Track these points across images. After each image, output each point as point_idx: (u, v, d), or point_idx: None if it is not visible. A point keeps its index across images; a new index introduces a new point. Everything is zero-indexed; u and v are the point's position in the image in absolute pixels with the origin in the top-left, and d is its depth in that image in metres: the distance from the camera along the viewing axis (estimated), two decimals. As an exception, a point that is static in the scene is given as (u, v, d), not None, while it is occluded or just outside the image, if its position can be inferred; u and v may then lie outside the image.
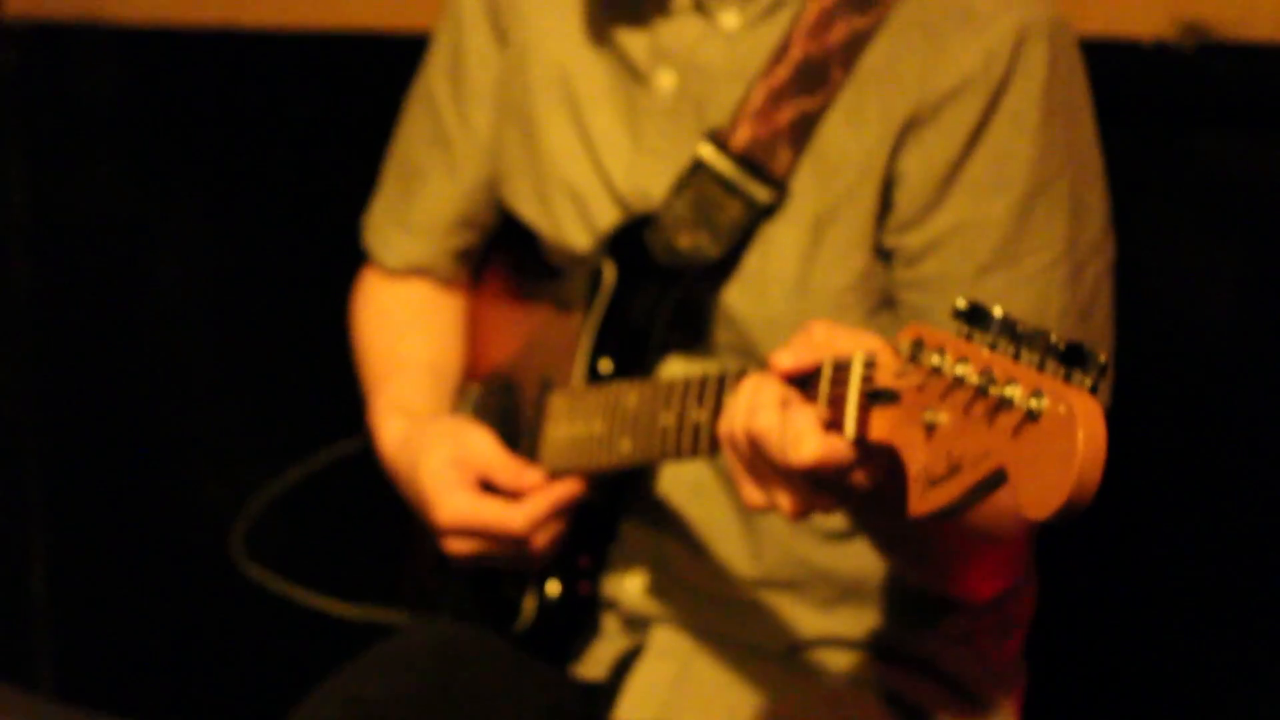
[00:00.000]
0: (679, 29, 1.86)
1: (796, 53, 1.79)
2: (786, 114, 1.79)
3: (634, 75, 1.90)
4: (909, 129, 1.76)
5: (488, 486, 1.87)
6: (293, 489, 2.59)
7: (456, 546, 1.89)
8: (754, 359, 1.79)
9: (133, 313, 3.49)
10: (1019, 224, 1.75)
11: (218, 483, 3.38)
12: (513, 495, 1.86)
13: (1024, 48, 1.73)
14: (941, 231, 1.76)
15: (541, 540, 1.85)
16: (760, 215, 1.81)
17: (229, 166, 3.33)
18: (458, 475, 1.87)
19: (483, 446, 1.89)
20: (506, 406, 2.02)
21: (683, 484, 1.92)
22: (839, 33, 1.78)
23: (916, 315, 1.78)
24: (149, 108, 3.42)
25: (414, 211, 2.12)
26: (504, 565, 1.91)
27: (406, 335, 2.14)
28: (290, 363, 3.30)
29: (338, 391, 2.97)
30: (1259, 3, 2.23)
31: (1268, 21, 2.23)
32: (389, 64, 3.00)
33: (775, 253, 1.81)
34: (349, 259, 2.36)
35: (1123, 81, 1.88)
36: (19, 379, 3.60)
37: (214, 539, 2.73)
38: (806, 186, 1.80)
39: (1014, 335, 1.25)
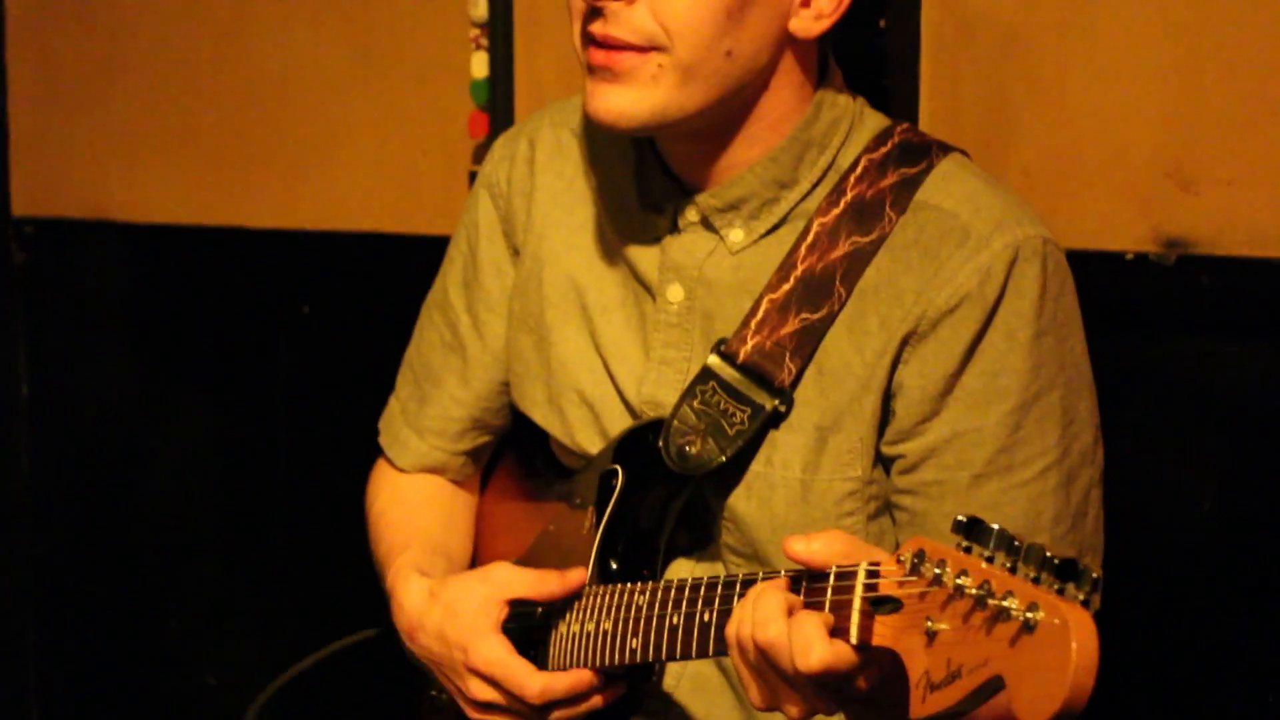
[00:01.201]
0: (688, 245, 1.94)
1: (800, 268, 1.87)
2: (791, 326, 1.86)
3: (644, 288, 1.97)
4: (908, 343, 1.83)
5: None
6: (299, 680, 2.60)
7: (478, 692, 1.90)
8: (759, 561, 1.86)
9: (136, 505, 3.52)
10: (1012, 434, 1.82)
11: (223, 673, 3.40)
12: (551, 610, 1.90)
13: (1017, 266, 1.81)
14: (938, 440, 1.83)
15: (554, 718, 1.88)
16: (766, 423, 1.87)
17: (233, 361, 3.38)
18: (491, 620, 1.90)
19: (508, 578, 1.92)
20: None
21: (687, 679, 1.97)
22: (841, 249, 1.86)
23: (913, 521, 1.85)
24: (154, 303, 3.48)
25: (428, 415, 2.18)
26: None
27: (421, 514, 2.18)
28: (294, 555, 3.33)
29: (344, 583, 3.02)
30: (1235, 219, 2.31)
31: (1243, 237, 2.30)
32: (390, 263, 3.11)
33: (780, 459, 1.88)
34: (352, 452, 2.42)
35: (1108, 292, 1.95)
36: (20, 568, 3.63)
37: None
38: (810, 396, 1.87)
39: (1011, 549, 1.32)
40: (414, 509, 2.19)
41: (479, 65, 2.95)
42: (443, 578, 2.02)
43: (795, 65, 1.90)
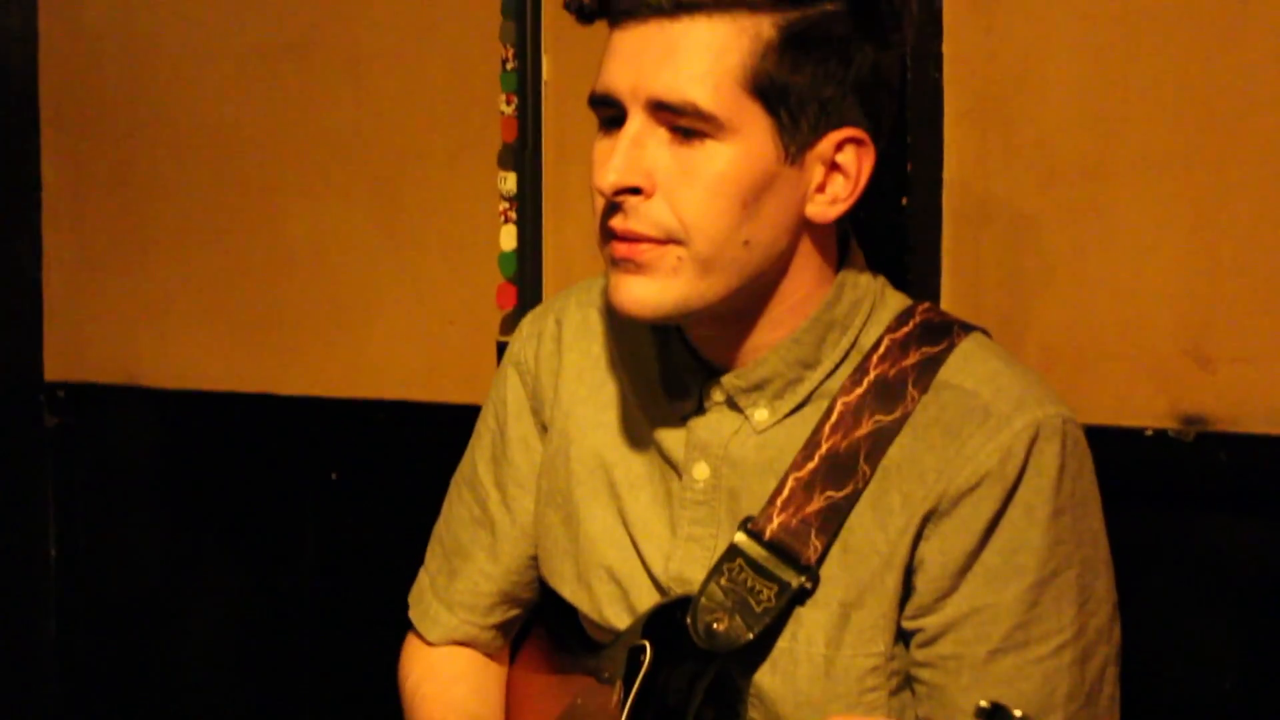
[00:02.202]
0: (713, 425, 1.97)
1: (825, 447, 1.90)
2: (816, 504, 1.89)
3: (670, 466, 2.00)
4: (930, 520, 1.86)
5: None
6: None
7: None
8: None
9: (164, 670, 3.53)
10: (1029, 610, 1.84)
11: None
12: None
13: (1037, 445, 1.84)
14: (956, 615, 1.86)
15: None
16: (793, 600, 1.89)
17: (262, 527, 3.40)
18: None
19: None
20: None
21: None
22: (866, 428, 1.89)
23: (931, 694, 1.87)
24: (184, 468, 3.51)
25: (457, 590, 2.21)
26: None
27: (455, 687, 2.20)
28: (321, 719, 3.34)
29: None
30: (1253, 398, 2.33)
31: (1261, 416, 2.33)
32: (418, 431, 3.14)
33: (805, 635, 1.90)
34: (379, 619, 2.44)
35: (1127, 468, 1.97)
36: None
37: None
38: (835, 572, 1.89)
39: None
40: (448, 682, 2.21)
41: (508, 238, 3.00)
42: None
43: (814, 249, 1.93)
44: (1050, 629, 1.84)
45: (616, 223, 1.86)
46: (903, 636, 1.90)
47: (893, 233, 2.53)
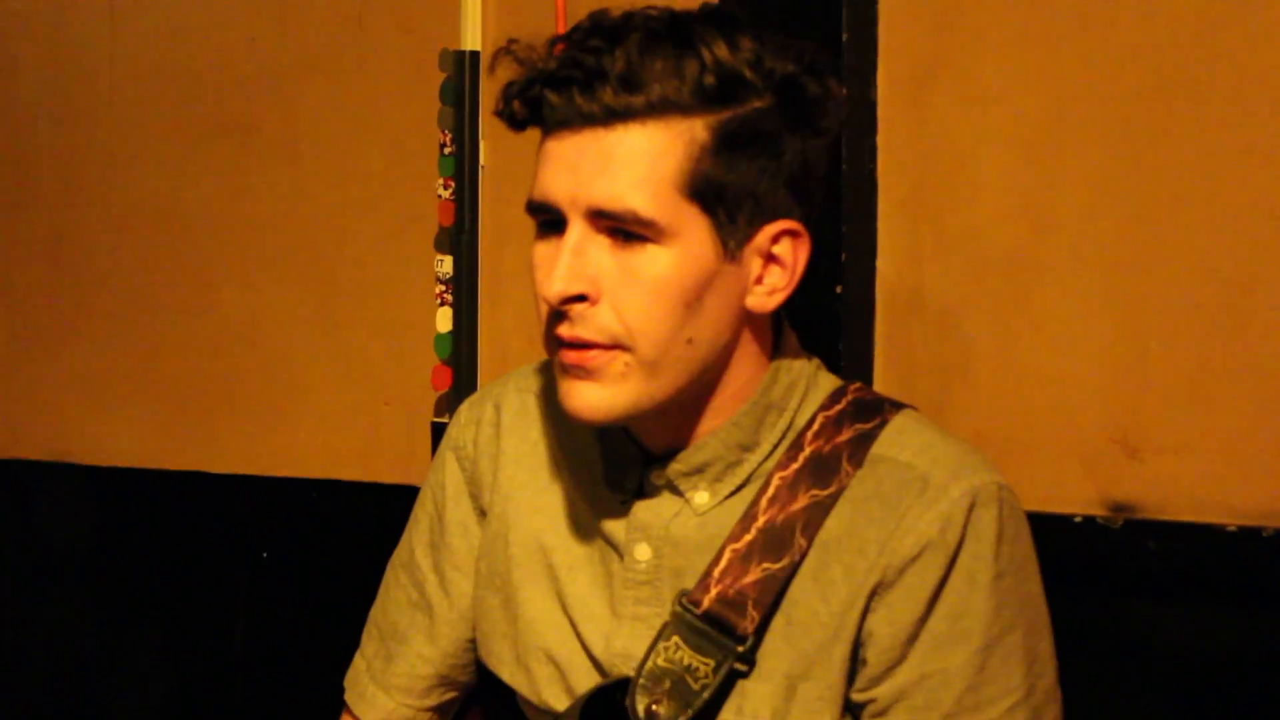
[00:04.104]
0: (654, 508, 1.99)
1: (762, 520, 1.92)
2: (753, 575, 1.90)
3: (611, 548, 2.01)
4: (876, 593, 1.88)
5: None
6: None
7: None
8: None
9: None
10: (978, 674, 1.86)
11: None
12: None
13: (975, 512, 1.87)
14: (906, 683, 1.87)
15: None
16: (730, 674, 1.90)
17: (192, 605, 3.39)
18: None
19: None
20: None
21: None
22: (801, 502, 1.91)
23: None
24: (114, 545, 3.49)
25: (395, 673, 2.21)
26: None
27: None
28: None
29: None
30: (1180, 486, 2.37)
31: (1188, 504, 2.37)
32: (351, 511, 3.14)
33: (750, 709, 1.91)
34: (310, 699, 2.43)
35: (1056, 553, 2.00)
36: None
37: None
38: (778, 646, 1.91)
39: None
40: None
41: (443, 320, 3.02)
42: None
43: (753, 337, 1.96)
44: (1000, 691, 1.87)
45: (564, 330, 1.87)
46: (851, 710, 1.92)
47: (827, 320, 2.56)
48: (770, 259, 1.91)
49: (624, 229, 1.84)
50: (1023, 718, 1.88)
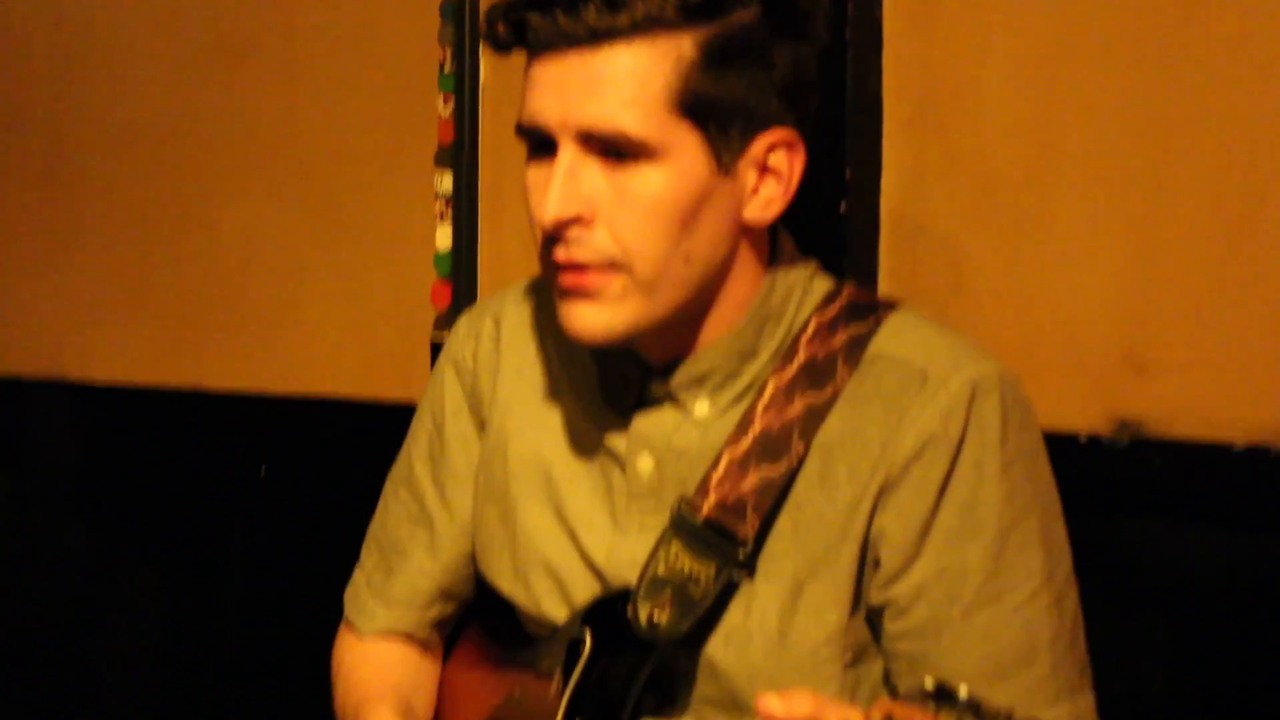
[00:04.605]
0: (656, 420, 1.98)
1: (758, 425, 1.91)
2: (751, 481, 1.90)
3: (612, 460, 2.01)
4: (883, 492, 1.87)
5: None
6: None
7: None
8: (736, 710, 1.88)
9: (86, 666, 3.50)
10: (996, 562, 1.86)
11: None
12: None
13: (976, 402, 1.86)
14: (925, 579, 1.87)
15: None
16: (732, 577, 1.90)
17: (188, 522, 3.38)
18: None
19: None
20: None
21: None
22: (797, 407, 1.91)
23: (914, 666, 1.88)
24: (109, 463, 3.49)
25: (395, 587, 2.20)
26: None
27: (391, 672, 2.19)
28: (249, 717, 3.32)
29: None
30: (1188, 404, 2.36)
31: (1195, 421, 2.36)
32: (349, 428, 3.14)
33: (758, 609, 1.90)
34: (306, 614, 2.43)
35: (1061, 472, 1.98)
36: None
37: None
38: (786, 548, 1.90)
39: (979, 714, 1.34)
40: (384, 667, 2.20)
41: (443, 237, 3.01)
42: None
43: (750, 248, 1.95)
44: (1020, 578, 1.86)
45: (560, 253, 1.87)
46: (871, 613, 1.91)
47: (830, 240, 2.54)
48: (765, 170, 1.89)
49: (615, 149, 1.83)
50: (1045, 601, 1.87)
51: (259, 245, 3.24)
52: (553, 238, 1.87)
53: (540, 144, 1.88)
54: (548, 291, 1.95)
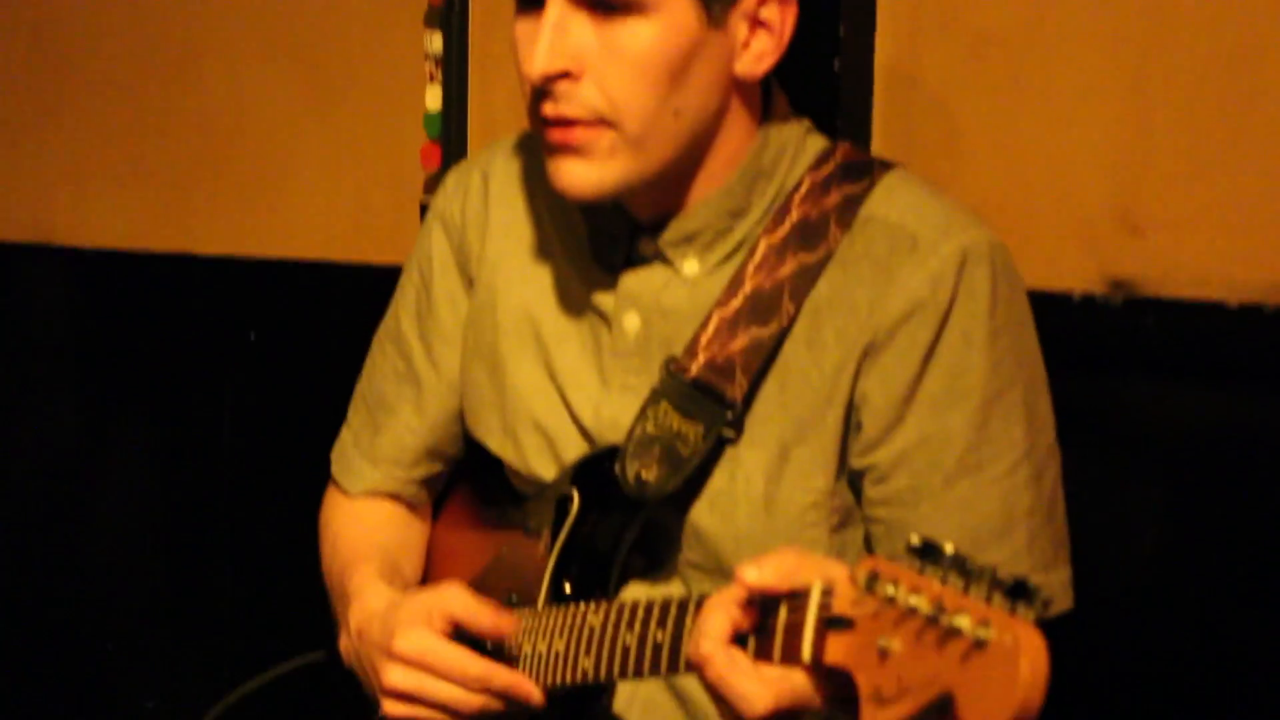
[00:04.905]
0: (644, 278, 1.96)
1: (749, 285, 1.90)
2: (740, 342, 1.88)
3: (600, 318, 1.99)
4: (867, 354, 1.86)
5: (460, 637, 1.87)
6: (244, 703, 2.60)
7: (398, 680, 1.86)
8: (721, 575, 1.87)
9: (77, 529, 3.51)
10: (979, 432, 1.85)
11: (162, 698, 3.39)
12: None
13: (966, 269, 1.84)
14: (906, 446, 1.86)
15: (478, 704, 1.85)
16: (719, 441, 1.89)
17: (178, 387, 3.38)
18: (425, 616, 1.87)
19: (455, 594, 1.89)
20: None
21: (636, 703, 1.97)
22: (789, 267, 1.89)
23: (890, 532, 1.88)
24: (99, 327, 3.48)
25: (382, 444, 2.20)
26: None
27: (379, 533, 2.19)
28: (236, 580, 3.33)
29: (286, 609, 3.02)
30: (1179, 262, 2.34)
31: (1188, 280, 2.34)
32: (338, 292, 3.12)
33: (743, 474, 1.89)
34: (296, 478, 2.42)
35: (1054, 331, 1.97)
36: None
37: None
38: (772, 411, 1.89)
39: (964, 570, 1.33)
40: (371, 528, 2.20)
41: (433, 98, 2.98)
42: (400, 592, 2.02)
43: (742, 104, 1.92)
44: (1002, 448, 1.85)
45: (548, 109, 1.85)
46: (851, 478, 1.90)
47: (824, 96, 2.51)
48: (757, 23, 1.87)
49: (604, 2, 1.81)
50: (1025, 474, 1.86)
51: (248, 107, 3.21)
52: (541, 92, 1.84)
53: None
54: (538, 147, 1.93)
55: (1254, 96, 2.30)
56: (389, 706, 1.91)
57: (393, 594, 2.00)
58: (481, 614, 1.87)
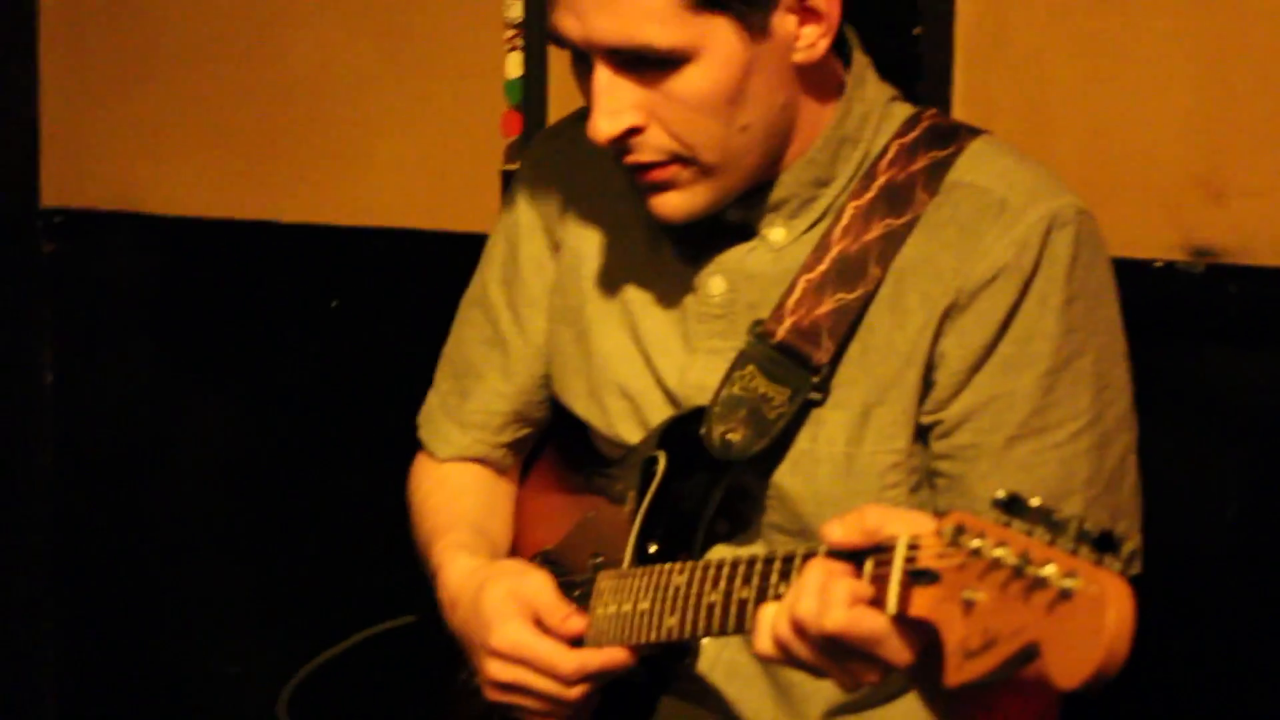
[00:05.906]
0: (729, 244, 1.98)
1: (835, 250, 1.91)
2: (827, 306, 1.90)
3: (685, 283, 2.01)
4: (949, 315, 1.87)
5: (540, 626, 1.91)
6: (330, 667, 2.61)
7: (498, 673, 1.91)
8: (804, 537, 1.88)
9: (159, 495, 3.54)
10: (1045, 396, 1.85)
11: (245, 663, 3.42)
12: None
13: (1051, 235, 1.85)
14: (973, 404, 1.87)
15: (577, 694, 1.89)
16: (805, 404, 1.90)
17: (259, 355, 3.40)
18: (516, 607, 1.91)
19: (540, 587, 1.93)
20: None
21: (720, 665, 1.99)
22: (875, 232, 1.90)
23: (951, 485, 1.89)
24: (182, 295, 3.50)
25: (469, 409, 2.22)
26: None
27: (465, 498, 2.21)
28: (318, 546, 3.35)
29: (368, 574, 3.04)
30: (1262, 230, 2.34)
31: (1270, 248, 2.34)
32: (420, 260, 3.14)
33: (825, 435, 1.91)
34: (376, 446, 2.44)
35: (1135, 299, 1.97)
36: (41, 557, 3.65)
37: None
38: (855, 374, 1.90)
39: (1050, 522, 1.34)
40: (457, 493, 2.22)
41: (513, 65, 2.99)
42: (487, 559, 2.05)
43: (814, 84, 1.93)
44: (1066, 415, 1.86)
45: (626, 158, 1.89)
46: (921, 433, 1.91)
47: (905, 63, 2.51)
48: (804, 13, 1.87)
49: (646, 62, 1.82)
50: (1087, 442, 1.87)
51: (329, 74, 3.23)
52: (615, 146, 1.88)
53: (577, 53, 1.88)
54: None
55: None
56: (493, 695, 1.95)
57: (475, 565, 2.03)
58: (556, 611, 1.90)
